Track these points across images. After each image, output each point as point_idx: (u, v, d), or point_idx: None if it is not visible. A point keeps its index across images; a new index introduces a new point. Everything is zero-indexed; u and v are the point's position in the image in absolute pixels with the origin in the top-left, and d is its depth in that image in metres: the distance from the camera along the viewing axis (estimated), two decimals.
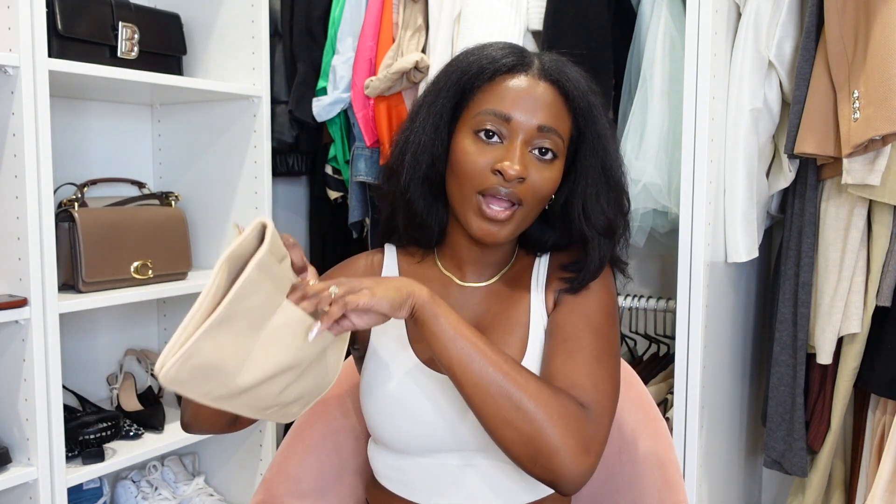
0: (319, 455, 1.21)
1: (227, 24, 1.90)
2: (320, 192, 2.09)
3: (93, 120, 1.93)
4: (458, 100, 1.00)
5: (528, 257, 1.09)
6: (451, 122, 1.00)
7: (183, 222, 1.83)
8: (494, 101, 0.97)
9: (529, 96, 0.97)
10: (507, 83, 0.97)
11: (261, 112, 1.88)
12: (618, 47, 1.68)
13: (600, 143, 1.01)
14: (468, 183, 0.96)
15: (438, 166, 1.01)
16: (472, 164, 0.96)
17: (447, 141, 1.00)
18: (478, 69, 0.98)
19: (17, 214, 1.42)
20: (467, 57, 1.01)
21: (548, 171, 0.97)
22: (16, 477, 1.42)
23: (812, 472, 1.64)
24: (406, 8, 1.81)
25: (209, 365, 0.74)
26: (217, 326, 0.74)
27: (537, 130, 0.96)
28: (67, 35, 1.58)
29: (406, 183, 1.01)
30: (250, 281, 0.77)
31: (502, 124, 0.96)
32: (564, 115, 0.99)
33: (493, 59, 0.99)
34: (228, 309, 0.74)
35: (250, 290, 0.77)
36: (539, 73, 0.99)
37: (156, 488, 1.91)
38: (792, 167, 1.57)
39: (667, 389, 1.73)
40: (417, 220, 1.03)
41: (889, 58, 1.32)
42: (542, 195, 0.98)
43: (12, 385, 1.46)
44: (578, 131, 1.01)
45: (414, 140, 1.01)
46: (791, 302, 1.59)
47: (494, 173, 0.95)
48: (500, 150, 0.96)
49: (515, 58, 0.99)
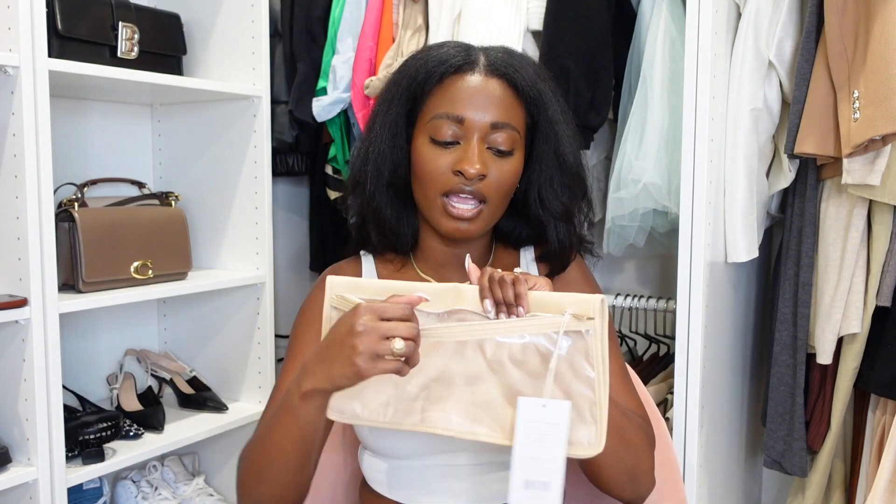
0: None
1: (227, 24, 1.90)
2: (320, 192, 2.09)
3: (93, 120, 1.93)
4: (410, 106, 1.01)
5: (508, 251, 1.10)
6: (408, 128, 1.02)
7: (183, 222, 1.83)
8: (446, 103, 0.98)
9: (480, 94, 0.98)
10: (456, 84, 0.99)
11: (261, 112, 1.88)
12: (618, 47, 1.68)
13: (552, 128, 1.02)
14: (431, 186, 0.98)
15: (401, 172, 1.02)
16: (433, 168, 0.98)
17: (406, 147, 1.02)
18: (425, 73, 1.00)
19: (17, 214, 1.41)
20: (415, 62, 1.03)
21: (507, 165, 0.99)
22: (16, 477, 1.42)
23: (812, 472, 1.64)
24: (406, 8, 1.81)
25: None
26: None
27: (491, 127, 0.98)
28: (67, 35, 1.58)
29: (371, 192, 1.03)
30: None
31: (456, 126, 0.97)
32: (516, 107, 1.00)
33: (439, 61, 1.00)
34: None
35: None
36: (486, 69, 1.00)
37: (156, 488, 1.91)
38: (792, 167, 1.57)
39: (667, 389, 1.73)
40: (388, 226, 1.04)
41: (889, 58, 1.32)
42: (506, 189, 1.00)
43: (12, 385, 1.46)
44: (532, 119, 1.02)
45: (373, 150, 1.02)
46: (791, 302, 1.59)
47: (455, 174, 0.97)
48: (457, 150, 0.98)
49: (461, 57, 1.00)
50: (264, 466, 0.92)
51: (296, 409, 0.86)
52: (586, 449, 0.83)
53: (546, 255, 1.07)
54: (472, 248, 1.05)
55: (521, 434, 0.83)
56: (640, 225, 1.67)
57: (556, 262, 1.07)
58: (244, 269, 1.94)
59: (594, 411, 0.83)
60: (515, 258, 1.10)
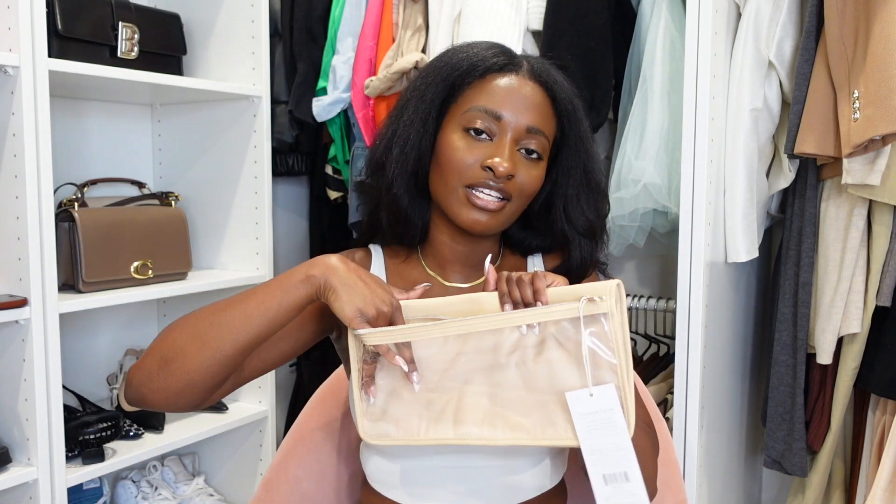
0: (319, 455, 1.21)
1: (227, 24, 1.90)
2: (320, 192, 2.09)
3: (93, 120, 1.93)
4: (446, 95, 1.01)
5: (515, 258, 1.10)
6: (439, 118, 1.01)
7: (183, 222, 1.83)
8: (485, 98, 0.98)
9: (519, 96, 0.98)
10: (497, 81, 0.99)
11: (261, 112, 1.88)
12: (618, 47, 1.68)
13: (583, 145, 1.03)
14: (455, 177, 0.97)
15: (424, 160, 1.01)
16: (461, 159, 0.97)
17: (434, 136, 1.01)
18: (468, 66, 1.00)
19: (17, 214, 1.41)
20: (456, 54, 1.02)
21: (535, 170, 0.99)
22: (16, 477, 1.42)
23: (812, 472, 1.64)
24: (406, 8, 1.81)
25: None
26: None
27: (526, 131, 0.98)
28: (67, 35, 1.58)
29: (392, 177, 1.01)
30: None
31: (492, 122, 0.97)
32: (550, 117, 1.00)
33: (483, 57, 1.00)
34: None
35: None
36: (528, 73, 1.00)
37: (156, 488, 1.91)
38: (792, 167, 1.57)
39: (667, 389, 1.73)
40: (401, 215, 1.03)
41: (889, 58, 1.32)
42: (528, 193, 1.00)
43: (12, 385, 1.46)
44: (562, 133, 1.02)
45: (402, 134, 1.01)
46: (791, 302, 1.59)
47: (484, 169, 0.96)
48: (489, 147, 0.97)
49: (506, 57, 1.01)
50: (207, 338, 0.87)
51: (289, 286, 0.88)
52: None
53: (566, 271, 1.06)
54: (481, 249, 1.05)
55: (580, 429, 0.82)
56: (640, 225, 1.67)
57: (574, 279, 1.06)
58: (244, 269, 1.94)
59: (620, 397, 0.82)
60: (523, 264, 1.09)
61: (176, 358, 0.87)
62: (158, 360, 0.88)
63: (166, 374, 0.87)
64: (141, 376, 0.89)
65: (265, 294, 0.88)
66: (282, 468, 1.20)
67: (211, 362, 0.87)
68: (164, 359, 0.88)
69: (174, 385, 0.87)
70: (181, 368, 0.87)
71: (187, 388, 0.88)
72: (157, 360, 0.88)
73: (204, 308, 0.90)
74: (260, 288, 0.89)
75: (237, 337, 0.87)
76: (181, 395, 0.88)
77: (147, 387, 0.88)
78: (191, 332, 0.88)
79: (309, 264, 0.88)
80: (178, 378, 0.87)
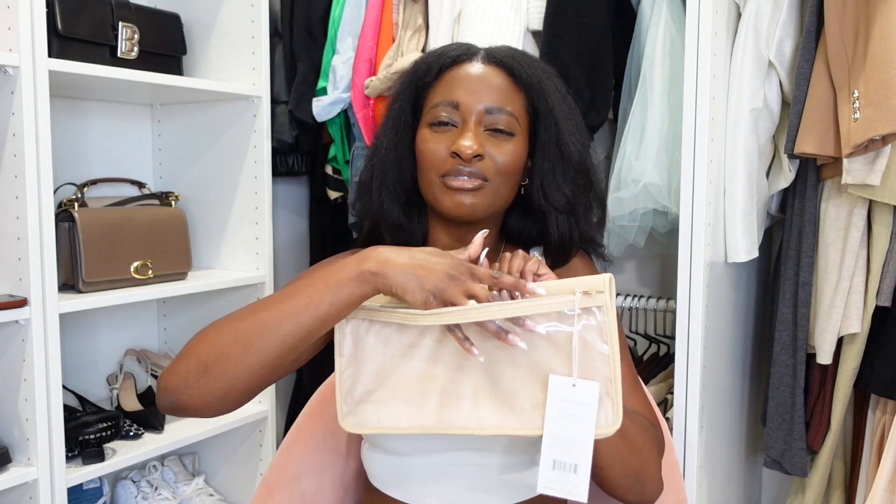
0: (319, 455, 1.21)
1: (227, 24, 1.90)
2: (320, 192, 2.09)
3: (93, 120, 1.93)
4: (414, 101, 1.04)
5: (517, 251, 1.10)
6: (413, 125, 1.04)
7: (183, 222, 1.83)
8: (443, 91, 1.01)
9: (475, 80, 1.00)
10: (453, 73, 1.01)
11: (261, 112, 1.88)
12: (618, 47, 1.68)
13: (552, 117, 1.02)
14: (431, 170, 0.99)
15: (405, 166, 1.03)
16: (431, 151, 0.99)
17: (410, 141, 1.03)
18: (426, 67, 1.03)
19: (17, 214, 1.41)
20: (423, 60, 1.05)
21: (507, 145, 1.00)
22: (16, 477, 1.42)
23: (812, 472, 1.64)
24: (406, 8, 1.81)
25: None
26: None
27: (486, 112, 0.99)
28: (67, 35, 1.58)
29: (378, 188, 1.04)
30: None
31: (452, 111, 0.99)
32: (514, 94, 1.01)
33: (441, 55, 1.03)
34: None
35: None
36: (483, 58, 1.02)
37: (156, 488, 1.91)
38: (792, 167, 1.57)
39: (667, 389, 1.73)
40: (399, 225, 1.04)
41: (889, 58, 1.32)
42: (507, 170, 1.00)
43: (12, 385, 1.46)
44: (534, 108, 1.02)
45: (379, 147, 1.05)
46: (791, 302, 1.59)
47: (453, 156, 0.98)
48: (454, 134, 0.99)
49: (462, 50, 1.03)
50: (251, 340, 0.84)
51: (337, 284, 0.84)
52: (604, 428, 0.83)
53: (548, 250, 1.07)
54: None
55: (550, 411, 0.83)
56: (640, 225, 1.67)
57: (558, 256, 1.06)
58: (244, 269, 1.94)
59: (609, 388, 0.83)
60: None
61: (217, 362, 0.84)
62: (197, 366, 0.85)
63: (207, 379, 0.84)
64: (177, 382, 0.85)
65: (312, 292, 0.84)
66: (282, 468, 1.20)
67: (257, 366, 0.84)
68: (202, 363, 0.84)
69: (217, 390, 0.84)
70: (224, 373, 0.84)
71: (230, 393, 0.85)
72: (194, 366, 0.85)
73: (238, 311, 0.88)
74: (301, 287, 0.86)
75: (285, 338, 0.84)
76: (223, 400, 0.85)
77: (185, 393, 0.85)
78: (230, 335, 0.85)
79: (358, 259, 0.85)
80: (220, 383, 0.84)
